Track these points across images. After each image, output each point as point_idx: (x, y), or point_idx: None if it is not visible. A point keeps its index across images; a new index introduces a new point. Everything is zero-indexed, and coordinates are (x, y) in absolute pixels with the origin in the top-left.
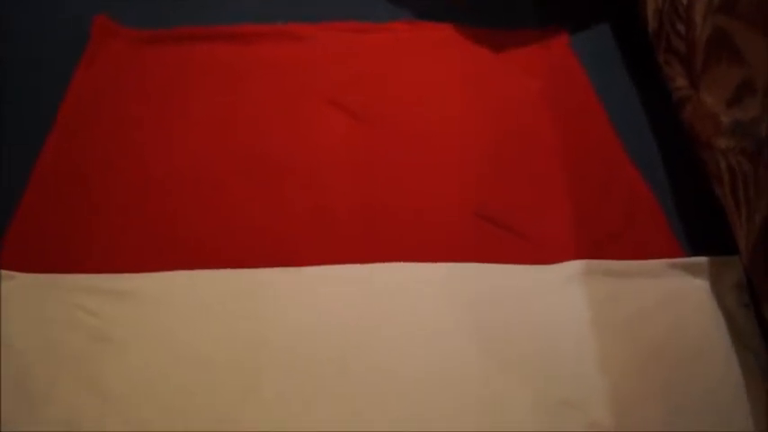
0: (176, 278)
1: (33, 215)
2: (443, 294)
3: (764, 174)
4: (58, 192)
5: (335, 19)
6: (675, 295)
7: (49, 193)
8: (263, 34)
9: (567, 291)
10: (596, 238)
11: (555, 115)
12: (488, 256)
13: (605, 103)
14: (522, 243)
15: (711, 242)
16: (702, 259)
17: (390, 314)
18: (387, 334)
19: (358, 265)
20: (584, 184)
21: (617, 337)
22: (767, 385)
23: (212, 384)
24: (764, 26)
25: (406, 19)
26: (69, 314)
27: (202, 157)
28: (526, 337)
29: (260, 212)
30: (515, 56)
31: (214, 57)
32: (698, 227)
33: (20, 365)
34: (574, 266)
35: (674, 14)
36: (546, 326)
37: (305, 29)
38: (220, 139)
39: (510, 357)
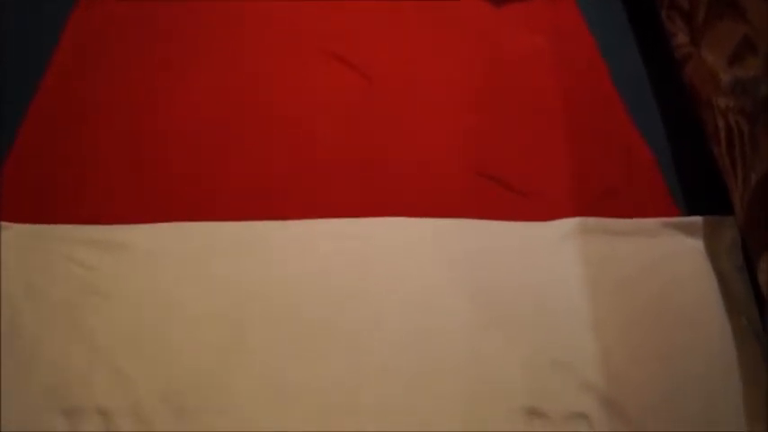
0: (167, 230)
1: (25, 166)
2: (437, 250)
3: (762, 133)
4: (49, 143)
5: None
6: (670, 256)
7: (40, 145)
8: None
9: (561, 249)
10: (593, 195)
11: (557, 72)
12: (486, 212)
13: (608, 62)
14: (519, 199)
15: (708, 202)
16: (697, 219)
17: (382, 269)
18: (377, 289)
19: (351, 219)
20: (583, 141)
21: (610, 297)
22: (759, 348)
23: (199, 338)
24: None
25: None
26: (61, 266)
27: (198, 109)
28: (519, 295)
29: (254, 165)
30: (520, 11)
31: (215, 7)
32: (696, 187)
33: (11, 315)
34: (569, 224)
35: None
36: (540, 284)
37: None
38: (218, 91)
39: (502, 314)
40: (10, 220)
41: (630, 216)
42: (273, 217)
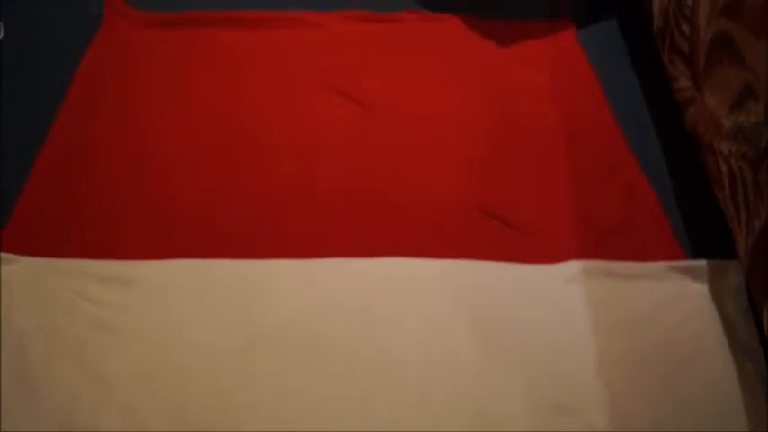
0: (177, 267)
1: (37, 198)
2: (443, 291)
3: (764, 180)
4: (62, 175)
5: (343, 7)
6: (674, 298)
7: (53, 177)
8: (270, 20)
9: (566, 291)
10: (596, 236)
11: (559, 110)
12: (489, 253)
13: (610, 99)
14: (523, 239)
15: (712, 244)
16: (702, 262)
17: (388, 310)
18: (384, 329)
19: (358, 259)
20: (586, 180)
21: (615, 339)
22: (764, 392)
23: (210, 375)
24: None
25: (413, 9)
26: (71, 300)
27: (205, 144)
28: (523, 336)
29: (261, 201)
30: (521, 48)
31: (221, 41)
32: (699, 228)
33: (20, 350)
34: (574, 266)
35: (680, 14)
36: (544, 326)
37: (312, 16)
38: (223, 126)
39: (506, 356)
40: (20, 253)
41: (634, 257)
42: (276, 250)
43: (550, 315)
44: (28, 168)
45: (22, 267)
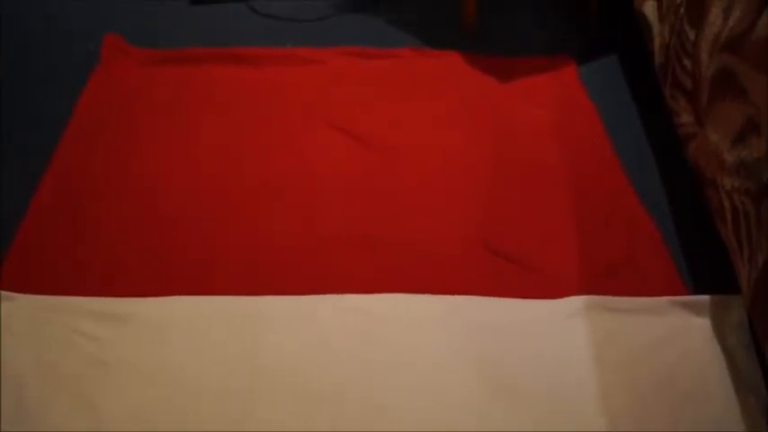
0: (174, 304)
1: (34, 236)
2: (444, 327)
3: (767, 215)
4: (59, 213)
5: (342, 44)
6: (677, 333)
7: (50, 214)
8: (269, 57)
9: (569, 327)
10: (599, 271)
11: (560, 146)
12: (492, 289)
13: (611, 134)
14: (525, 275)
15: (713, 278)
16: (704, 298)
17: (390, 346)
18: (385, 367)
19: (358, 296)
20: (587, 216)
21: (617, 375)
22: (766, 427)
23: (207, 413)
24: None
25: (413, 46)
26: (67, 337)
27: (203, 181)
28: (527, 373)
29: (259, 239)
30: (523, 84)
31: (220, 78)
32: (700, 262)
33: (17, 387)
34: (576, 302)
35: (681, 50)
36: (547, 362)
37: (311, 52)
38: (222, 163)
39: (510, 393)
40: (17, 290)
41: (636, 291)
42: (276, 290)
43: (554, 351)
44: (26, 205)
45: (19, 305)
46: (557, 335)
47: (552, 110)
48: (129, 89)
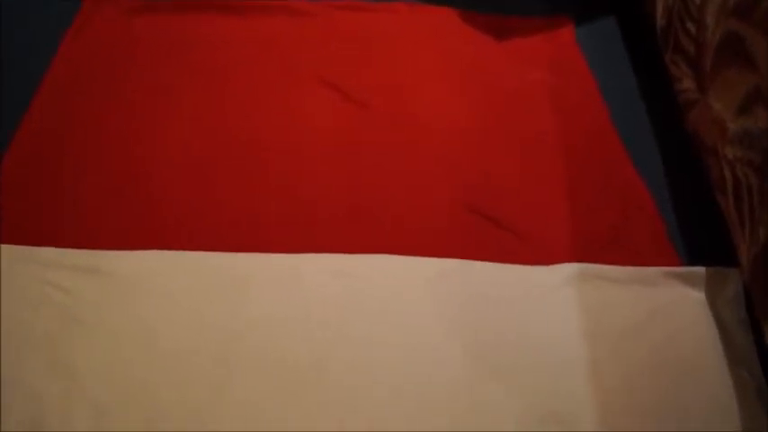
0: (151, 258)
1: (11, 185)
2: (431, 292)
3: None
4: (38, 162)
5: None
6: (670, 306)
7: (28, 164)
8: (261, 8)
9: (559, 295)
10: (592, 239)
11: (555, 109)
12: (480, 253)
13: (608, 99)
14: (515, 240)
15: (709, 251)
16: (700, 269)
17: (373, 310)
18: (368, 332)
19: (341, 255)
20: (581, 182)
21: (609, 347)
22: (760, 402)
23: (183, 378)
24: None
25: (407, 1)
26: (40, 290)
27: (187, 136)
28: (516, 343)
29: (242, 196)
30: (518, 45)
31: (207, 29)
32: (696, 234)
33: None
34: (568, 269)
35: (685, 13)
36: (537, 332)
37: (302, 5)
38: (207, 118)
39: (497, 364)
40: None
41: (629, 261)
42: (258, 248)
43: (544, 319)
44: (1, 155)
45: None
46: (546, 304)
47: (548, 72)
48: (111, 39)
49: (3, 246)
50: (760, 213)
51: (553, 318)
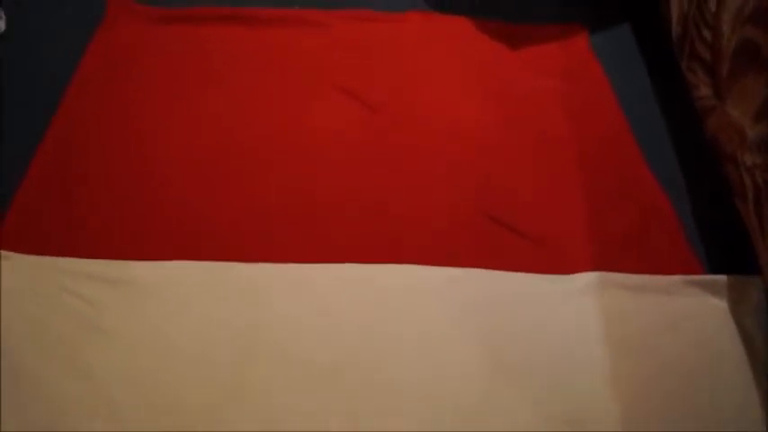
0: (172, 269)
1: (34, 196)
2: (448, 300)
3: None
4: (59, 173)
5: (349, 7)
6: (691, 314)
7: (50, 174)
8: (275, 19)
9: (579, 303)
10: (610, 247)
11: (570, 116)
12: (496, 261)
13: (624, 106)
14: (532, 248)
15: (730, 259)
16: (721, 278)
17: (389, 318)
18: (384, 339)
19: (359, 265)
20: (598, 189)
21: (628, 355)
22: None
23: (200, 382)
24: None
25: (421, 10)
26: (61, 300)
27: (205, 145)
28: (533, 350)
29: (260, 205)
30: (533, 53)
31: (225, 40)
32: (716, 241)
33: (10, 351)
34: (585, 278)
35: (701, 20)
36: (555, 339)
37: (318, 15)
38: (224, 126)
39: (515, 370)
40: (14, 251)
41: (648, 268)
42: (275, 258)
43: (563, 327)
44: (26, 165)
45: (15, 265)
46: (564, 312)
47: (562, 79)
48: (132, 48)
49: (25, 256)
50: None
51: (571, 326)
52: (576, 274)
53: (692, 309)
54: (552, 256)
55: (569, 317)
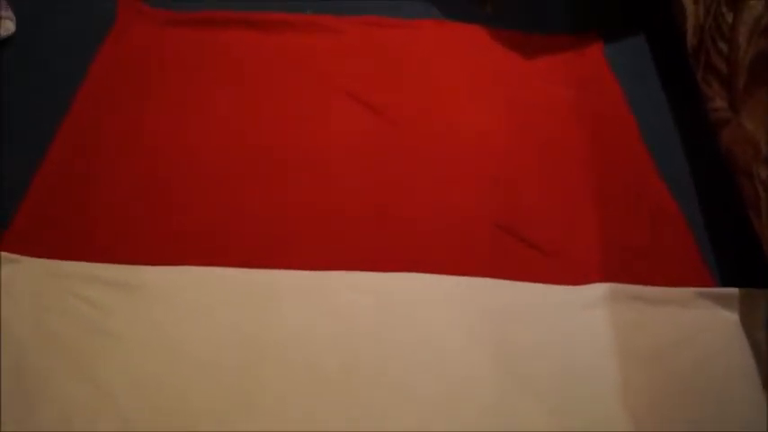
0: (180, 274)
1: (42, 199)
2: (459, 310)
3: None
4: (69, 177)
5: (363, 13)
6: (703, 327)
7: (60, 178)
8: (287, 23)
9: (591, 315)
10: (622, 259)
11: (584, 127)
12: (508, 271)
13: (638, 117)
14: (544, 259)
15: (743, 271)
16: (733, 290)
17: (401, 326)
18: (394, 346)
19: (371, 273)
20: (610, 199)
21: (640, 368)
22: None
23: (207, 386)
24: None
25: (436, 17)
26: (69, 304)
27: (215, 150)
28: (545, 363)
29: (270, 210)
30: (547, 62)
31: (236, 44)
32: (728, 253)
33: (17, 354)
34: (598, 289)
35: (717, 32)
36: (567, 351)
37: (330, 21)
38: (235, 131)
39: (525, 380)
40: (24, 253)
41: (660, 280)
42: (285, 265)
43: (574, 338)
44: (34, 168)
45: (23, 268)
46: (576, 323)
47: (576, 89)
48: (144, 52)
49: (33, 259)
50: None
51: (583, 335)
52: (588, 285)
53: (704, 321)
54: (562, 266)
55: (581, 328)
